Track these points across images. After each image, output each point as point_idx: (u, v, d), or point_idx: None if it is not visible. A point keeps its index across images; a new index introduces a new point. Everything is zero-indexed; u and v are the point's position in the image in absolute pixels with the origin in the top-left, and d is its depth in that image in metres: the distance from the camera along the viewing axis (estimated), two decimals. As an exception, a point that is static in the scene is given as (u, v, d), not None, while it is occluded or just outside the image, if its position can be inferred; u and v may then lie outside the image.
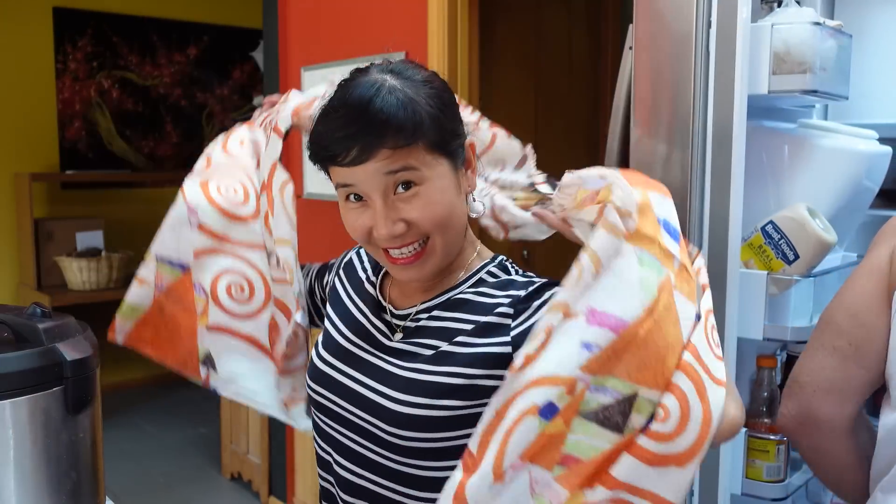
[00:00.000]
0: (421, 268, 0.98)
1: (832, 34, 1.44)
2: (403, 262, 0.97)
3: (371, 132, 0.90)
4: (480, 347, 0.96)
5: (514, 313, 0.96)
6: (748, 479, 1.47)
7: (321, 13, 2.87)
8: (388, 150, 0.91)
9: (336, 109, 0.94)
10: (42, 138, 4.58)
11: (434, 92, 0.96)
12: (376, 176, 0.92)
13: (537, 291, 0.97)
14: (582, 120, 2.93)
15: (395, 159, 0.91)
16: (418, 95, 0.93)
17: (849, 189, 1.52)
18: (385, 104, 0.91)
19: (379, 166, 0.91)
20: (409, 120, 0.91)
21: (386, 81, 0.93)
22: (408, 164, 0.92)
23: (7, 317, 0.96)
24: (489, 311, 0.98)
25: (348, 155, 0.91)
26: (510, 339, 0.95)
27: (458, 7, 2.31)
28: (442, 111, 0.95)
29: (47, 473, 0.93)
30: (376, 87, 0.92)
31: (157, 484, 3.69)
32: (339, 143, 0.92)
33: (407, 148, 0.91)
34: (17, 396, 0.89)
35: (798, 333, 1.44)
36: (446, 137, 0.96)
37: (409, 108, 0.91)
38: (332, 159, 0.94)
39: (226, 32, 5.20)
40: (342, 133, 0.92)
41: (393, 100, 0.91)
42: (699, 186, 1.44)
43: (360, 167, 0.92)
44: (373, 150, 0.91)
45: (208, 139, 5.18)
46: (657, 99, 1.49)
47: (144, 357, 1.39)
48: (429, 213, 0.94)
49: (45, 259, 4.35)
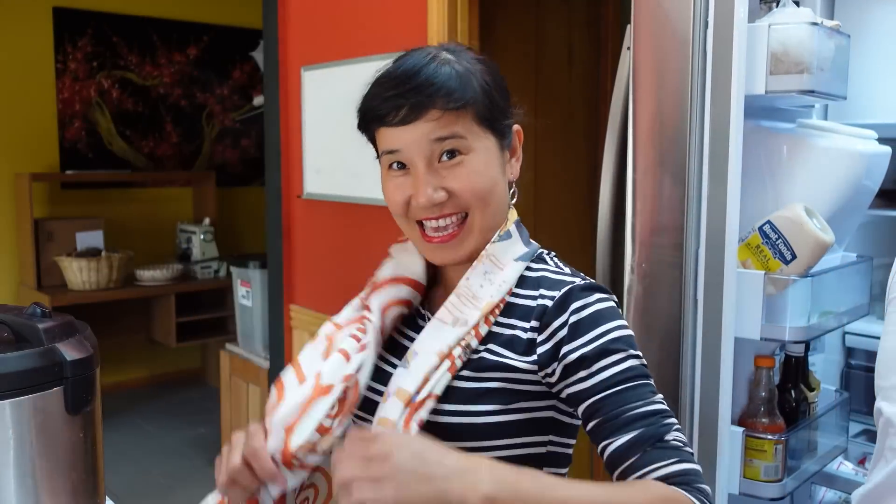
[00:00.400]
0: (456, 249, 0.96)
1: (830, 34, 1.44)
2: (439, 241, 0.95)
3: (422, 92, 0.91)
4: (508, 360, 0.93)
5: (539, 326, 0.93)
6: (746, 478, 1.47)
7: (321, 13, 2.87)
8: (438, 112, 0.91)
9: (389, 74, 0.94)
10: (42, 138, 4.58)
11: (487, 69, 0.97)
12: (423, 140, 0.92)
13: (563, 301, 0.93)
14: (582, 120, 2.93)
15: (444, 124, 0.91)
16: (472, 69, 0.95)
17: (847, 189, 1.52)
18: (438, 70, 0.92)
19: (427, 129, 0.91)
20: (460, 86, 0.92)
21: (440, 54, 0.95)
22: (455, 131, 0.92)
23: (7, 317, 0.96)
24: (520, 318, 0.94)
25: (398, 114, 0.92)
26: (536, 358, 0.92)
27: (458, 7, 2.31)
28: (494, 87, 0.96)
29: (47, 473, 0.93)
30: (430, 56, 0.94)
31: (157, 484, 3.69)
32: (390, 101, 0.92)
33: (456, 112, 0.92)
34: (17, 396, 0.89)
35: (795, 333, 1.44)
36: (496, 114, 0.96)
37: (461, 76, 0.93)
38: (382, 119, 0.94)
39: (226, 32, 5.20)
40: (393, 93, 0.92)
41: (447, 68, 0.93)
42: (696, 186, 1.44)
43: (408, 128, 0.92)
44: (423, 110, 0.91)
45: (208, 139, 5.19)
46: (655, 99, 1.49)
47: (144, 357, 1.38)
48: (470, 184, 0.93)
49: (45, 259, 4.36)
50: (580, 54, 2.92)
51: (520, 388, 0.93)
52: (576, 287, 0.93)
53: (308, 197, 2.96)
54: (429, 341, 0.94)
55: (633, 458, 0.84)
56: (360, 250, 2.76)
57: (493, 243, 0.98)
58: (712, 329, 1.43)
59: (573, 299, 0.92)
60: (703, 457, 1.46)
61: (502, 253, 0.98)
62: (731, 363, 1.43)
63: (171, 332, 4.60)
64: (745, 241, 1.46)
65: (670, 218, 1.46)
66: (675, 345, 1.46)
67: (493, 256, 0.97)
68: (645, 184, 1.49)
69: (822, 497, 1.76)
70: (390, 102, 0.92)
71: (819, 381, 1.67)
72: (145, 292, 4.53)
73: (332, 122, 2.78)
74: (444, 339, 0.93)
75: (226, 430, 3.70)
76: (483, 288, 0.95)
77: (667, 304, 1.47)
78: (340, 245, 2.86)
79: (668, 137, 1.45)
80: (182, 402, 4.82)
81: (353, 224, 2.77)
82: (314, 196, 2.93)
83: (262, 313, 3.49)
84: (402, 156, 0.94)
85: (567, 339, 0.91)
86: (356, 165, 2.67)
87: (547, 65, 2.81)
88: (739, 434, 1.47)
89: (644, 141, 1.49)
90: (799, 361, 1.58)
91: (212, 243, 4.85)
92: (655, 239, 1.48)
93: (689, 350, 1.46)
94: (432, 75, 0.92)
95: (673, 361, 1.47)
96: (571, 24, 2.89)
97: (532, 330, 0.93)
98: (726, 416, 1.44)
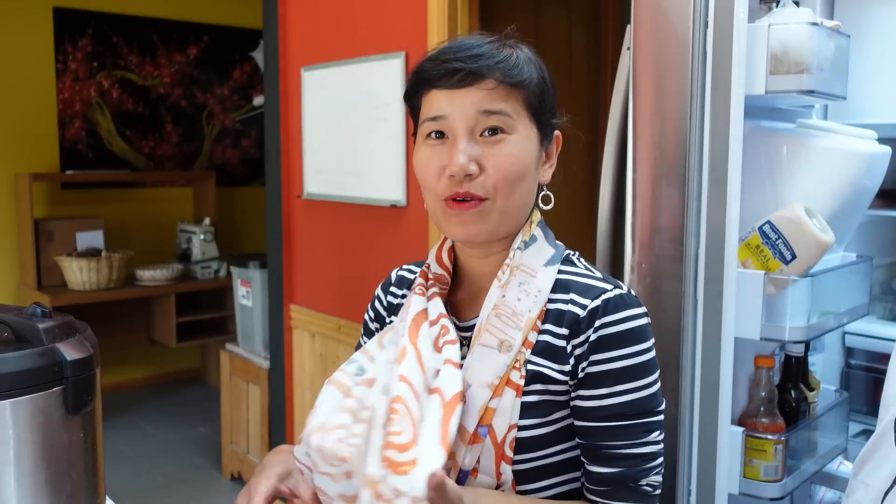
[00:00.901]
0: (477, 223, 0.93)
1: (830, 34, 1.44)
2: (462, 207, 0.92)
3: (481, 61, 0.91)
4: (546, 369, 0.93)
5: (569, 335, 0.93)
6: (746, 478, 1.47)
7: (321, 13, 2.87)
8: (494, 83, 0.91)
9: (449, 46, 0.95)
10: (42, 138, 4.59)
11: (543, 66, 0.99)
12: (471, 109, 0.92)
13: (595, 312, 0.92)
14: (582, 120, 2.93)
15: (496, 97, 0.92)
16: (532, 58, 0.97)
17: (848, 189, 1.52)
18: (500, 49, 0.94)
19: (478, 98, 0.91)
20: (518, 66, 0.93)
21: (501, 39, 0.97)
22: (504, 108, 0.92)
23: (7, 317, 0.96)
24: (554, 324, 0.94)
25: (454, 76, 0.92)
26: (570, 369, 0.92)
27: (458, 7, 2.31)
28: (547, 83, 0.98)
29: (47, 473, 0.93)
30: (491, 38, 0.96)
31: (157, 484, 3.69)
32: (448, 64, 0.92)
33: (509, 89, 0.92)
34: (17, 396, 0.89)
35: (795, 333, 1.44)
36: (544, 108, 0.97)
37: (522, 58, 0.95)
38: (435, 80, 0.93)
39: (226, 32, 5.20)
40: (452, 57, 0.92)
41: (508, 50, 0.95)
42: (696, 186, 1.44)
43: (461, 91, 0.92)
44: (480, 77, 0.91)
45: (208, 139, 5.19)
46: (655, 99, 1.49)
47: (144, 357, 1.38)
48: (505, 165, 0.92)
49: (45, 259, 4.36)
50: (580, 54, 2.92)
51: (556, 399, 0.93)
52: (611, 299, 0.92)
53: (308, 197, 2.96)
54: (479, 372, 0.92)
55: (603, 488, 0.91)
56: (360, 250, 2.76)
57: (521, 251, 0.97)
58: (712, 329, 1.43)
59: (605, 312, 0.91)
60: (704, 457, 1.46)
61: (531, 259, 0.97)
62: (731, 363, 1.43)
63: (171, 332, 4.60)
64: (745, 241, 1.46)
65: (670, 218, 1.46)
66: (675, 345, 1.46)
67: (524, 266, 0.96)
68: (645, 184, 1.49)
69: (822, 497, 1.76)
70: (449, 65, 0.92)
71: (819, 381, 1.67)
72: (145, 292, 4.53)
73: (332, 122, 2.78)
74: (493, 370, 0.92)
75: (226, 430, 3.70)
76: (521, 301, 0.94)
77: (667, 303, 1.47)
78: (340, 245, 2.86)
79: (667, 138, 1.45)
80: (182, 402, 4.82)
81: (353, 224, 2.77)
82: (314, 196, 2.93)
83: (262, 313, 3.49)
84: (446, 123, 0.93)
85: (590, 351, 0.91)
86: (356, 165, 2.67)
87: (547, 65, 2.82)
88: (739, 434, 1.47)
89: (644, 141, 1.49)
90: (799, 361, 1.58)
91: (212, 243, 4.85)
92: (655, 239, 1.48)
93: (689, 350, 1.46)
94: (494, 50, 0.93)
95: (673, 361, 1.47)
96: (571, 24, 2.89)
97: (563, 338, 0.93)
98: (726, 416, 1.44)
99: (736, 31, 1.37)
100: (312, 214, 2.99)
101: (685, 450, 1.47)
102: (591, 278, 0.96)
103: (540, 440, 0.92)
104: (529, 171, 0.95)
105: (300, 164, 3.00)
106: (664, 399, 0.97)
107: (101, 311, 4.52)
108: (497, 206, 0.93)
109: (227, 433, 3.70)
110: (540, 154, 0.98)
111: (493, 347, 0.92)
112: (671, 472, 1.49)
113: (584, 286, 0.95)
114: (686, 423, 1.47)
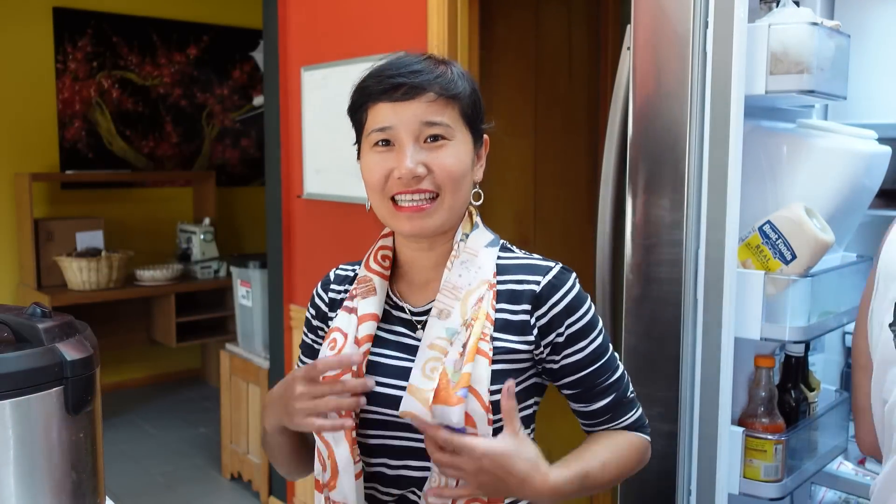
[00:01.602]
0: (425, 219, 1.05)
1: (830, 34, 1.44)
2: (411, 210, 1.04)
3: (422, 76, 1.02)
4: (509, 343, 1.06)
5: (531, 309, 1.07)
6: (746, 478, 1.47)
7: (321, 13, 2.87)
8: (434, 95, 1.02)
9: (388, 63, 1.06)
10: (42, 138, 4.59)
11: (473, 80, 1.10)
12: (415, 120, 1.02)
13: (552, 285, 1.07)
14: (582, 120, 2.93)
15: (436, 109, 1.03)
16: (463, 73, 1.08)
17: (847, 189, 1.52)
18: (435, 65, 1.05)
19: (420, 110, 1.02)
20: (453, 81, 1.04)
21: (433, 57, 1.08)
22: (444, 119, 1.03)
23: (7, 317, 0.96)
24: (509, 301, 1.07)
25: (398, 90, 1.02)
26: (533, 339, 1.07)
27: (458, 7, 2.31)
28: (477, 94, 1.10)
29: (47, 473, 0.93)
30: (425, 55, 1.07)
31: (157, 484, 3.69)
32: (392, 80, 1.02)
33: (447, 100, 1.03)
34: (17, 396, 0.89)
35: (796, 333, 1.44)
36: (476, 117, 1.09)
37: (454, 74, 1.06)
38: (380, 94, 1.03)
39: (226, 32, 5.20)
40: (396, 72, 1.03)
41: (442, 67, 1.06)
42: (696, 186, 1.44)
43: (404, 104, 1.02)
44: (421, 91, 1.02)
45: (208, 139, 5.19)
46: (655, 98, 1.49)
47: (144, 357, 1.39)
48: (448, 166, 1.03)
49: (45, 259, 4.36)
50: (580, 54, 2.92)
51: (516, 367, 1.07)
52: (558, 273, 1.08)
53: (308, 197, 2.96)
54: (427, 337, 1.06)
55: (606, 416, 1.11)
56: (359, 250, 2.75)
57: (464, 242, 1.09)
58: (712, 329, 1.43)
59: (560, 284, 1.07)
60: (704, 457, 1.46)
61: (473, 242, 1.10)
62: (730, 363, 1.43)
63: (171, 332, 4.60)
64: (745, 241, 1.46)
65: (670, 218, 1.46)
66: (675, 345, 1.46)
67: (468, 248, 1.09)
68: (645, 184, 1.49)
69: (822, 497, 1.76)
70: (393, 80, 1.02)
71: (819, 381, 1.67)
72: (145, 292, 4.53)
73: (332, 122, 2.78)
74: (435, 332, 1.05)
75: (226, 430, 3.70)
76: (461, 277, 1.07)
77: (667, 304, 1.47)
78: (340, 245, 2.86)
79: (667, 137, 1.45)
80: (182, 402, 4.83)
81: (353, 224, 2.77)
82: (314, 196, 2.93)
83: (262, 313, 3.49)
84: (392, 132, 1.04)
85: (561, 317, 1.07)
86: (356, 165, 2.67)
87: (547, 65, 2.81)
88: (739, 434, 1.47)
89: (643, 141, 1.49)
90: (799, 361, 1.58)
91: (212, 243, 4.85)
92: (655, 239, 1.48)
93: (689, 350, 1.46)
94: (431, 67, 1.05)
95: (673, 361, 1.47)
96: (571, 24, 2.89)
97: (524, 312, 1.07)
98: (726, 415, 1.44)
99: (736, 31, 1.37)
100: (312, 214, 2.99)
101: (685, 450, 1.47)
102: (531, 259, 1.11)
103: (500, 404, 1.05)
104: (468, 171, 1.08)
105: (300, 164, 3.00)
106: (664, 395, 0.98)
107: (101, 311, 4.52)
108: (446, 202, 1.05)
109: (227, 433, 3.70)
110: (474, 156, 1.10)
111: (435, 316, 1.06)
112: (671, 472, 1.49)
113: (529, 266, 1.10)
114: (686, 423, 1.47)
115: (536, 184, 2.78)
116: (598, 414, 1.11)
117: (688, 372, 1.46)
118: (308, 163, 2.95)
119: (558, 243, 2.87)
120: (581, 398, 1.11)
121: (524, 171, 2.74)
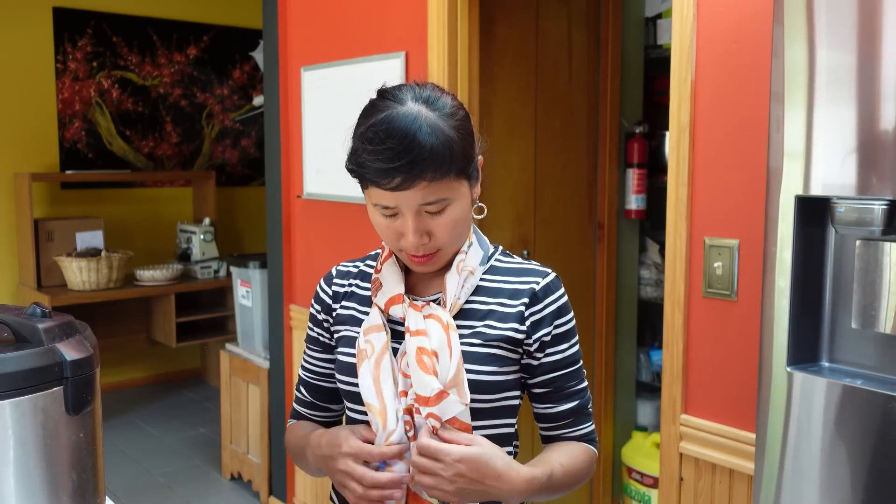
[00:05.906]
0: (434, 264, 1.17)
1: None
2: (419, 261, 1.15)
3: (414, 167, 1.04)
4: (502, 331, 1.16)
5: (528, 303, 1.17)
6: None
7: (321, 13, 2.87)
8: (426, 182, 1.06)
9: (382, 141, 1.05)
10: (42, 138, 4.59)
11: (460, 124, 1.11)
12: (413, 203, 1.08)
13: (549, 287, 1.19)
14: (582, 120, 2.93)
15: (432, 191, 1.07)
16: (451, 130, 1.08)
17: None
18: (426, 142, 1.05)
19: (417, 196, 1.07)
20: (446, 157, 1.06)
21: (422, 115, 1.07)
22: (440, 196, 1.08)
23: (7, 317, 0.96)
24: (509, 298, 1.18)
25: (392, 182, 1.05)
26: (525, 329, 1.16)
27: (458, 7, 2.31)
28: (467, 141, 1.11)
29: (47, 473, 0.93)
30: (417, 123, 1.05)
31: (158, 484, 3.69)
32: (384, 173, 1.05)
33: (441, 177, 1.07)
34: (17, 396, 0.89)
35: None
36: (468, 164, 1.12)
37: (445, 145, 1.06)
38: (376, 184, 1.08)
39: (226, 32, 5.20)
40: (387, 165, 1.05)
41: (433, 139, 1.05)
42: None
43: (400, 193, 1.06)
44: (414, 181, 1.05)
45: (208, 139, 5.19)
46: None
47: (144, 357, 1.40)
48: (449, 230, 1.12)
49: (45, 259, 4.36)
50: (580, 54, 2.92)
51: (510, 356, 1.16)
52: (553, 279, 1.21)
53: (308, 197, 2.96)
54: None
55: (568, 419, 1.21)
56: (359, 250, 2.75)
57: (465, 254, 1.19)
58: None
59: (554, 288, 1.19)
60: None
61: (472, 260, 1.20)
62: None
63: (170, 332, 4.61)
64: None
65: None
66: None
67: (468, 266, 1.18)
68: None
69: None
70: (384, 174, 1.05)
71: None
72: (145, 292, 4.53)
73: (332, 122, 2.78)
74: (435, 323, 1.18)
75: (226, 430, 3.70)
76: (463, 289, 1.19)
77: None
78: (340, 245, 2.86)
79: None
80: (182, 402, 4.83)
81: (353, 224, 2.77)
82: (314, 196, 2.93)
83: (262, 313, 3.49)
84: (394, 209, 1.10)
85: (552, 317, 1.18)
86: (356, 165, 2.66)
87: (547, 65, 2.81)
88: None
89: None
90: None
91: (212, 243, 4.85)
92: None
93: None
94: (422, 148, 1.04)
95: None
96: (571, 24, 2.89)
97: (521, 305, 1.17)
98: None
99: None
100: (312, 214, 2.99)
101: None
102: (529, 265, 1.23)
103: (499, 385, 1.16)
104: (468, 214, 1.16)
105: (300, 164, 3.00)
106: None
107: (101, 311, 4.52)
108: (449, 250, 1.16)
109: (227, 433, 3.70)
110: (472, 191, 1.16)
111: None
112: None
113: (530, 270, 1.21)
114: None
115: (536, 184, 2.78)
116: (561, 417, 1.21)
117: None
118: (308, 163, 2.95)
119: (558, 243, 2.87)
120: (549, 398, 1.20)
121: (524, 171, 2.73)
